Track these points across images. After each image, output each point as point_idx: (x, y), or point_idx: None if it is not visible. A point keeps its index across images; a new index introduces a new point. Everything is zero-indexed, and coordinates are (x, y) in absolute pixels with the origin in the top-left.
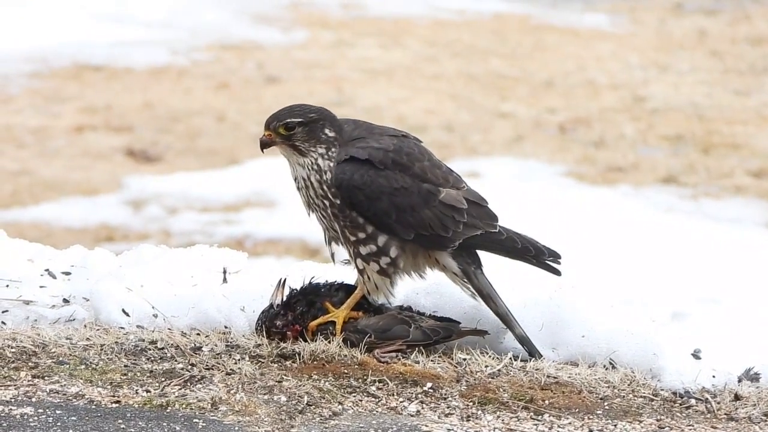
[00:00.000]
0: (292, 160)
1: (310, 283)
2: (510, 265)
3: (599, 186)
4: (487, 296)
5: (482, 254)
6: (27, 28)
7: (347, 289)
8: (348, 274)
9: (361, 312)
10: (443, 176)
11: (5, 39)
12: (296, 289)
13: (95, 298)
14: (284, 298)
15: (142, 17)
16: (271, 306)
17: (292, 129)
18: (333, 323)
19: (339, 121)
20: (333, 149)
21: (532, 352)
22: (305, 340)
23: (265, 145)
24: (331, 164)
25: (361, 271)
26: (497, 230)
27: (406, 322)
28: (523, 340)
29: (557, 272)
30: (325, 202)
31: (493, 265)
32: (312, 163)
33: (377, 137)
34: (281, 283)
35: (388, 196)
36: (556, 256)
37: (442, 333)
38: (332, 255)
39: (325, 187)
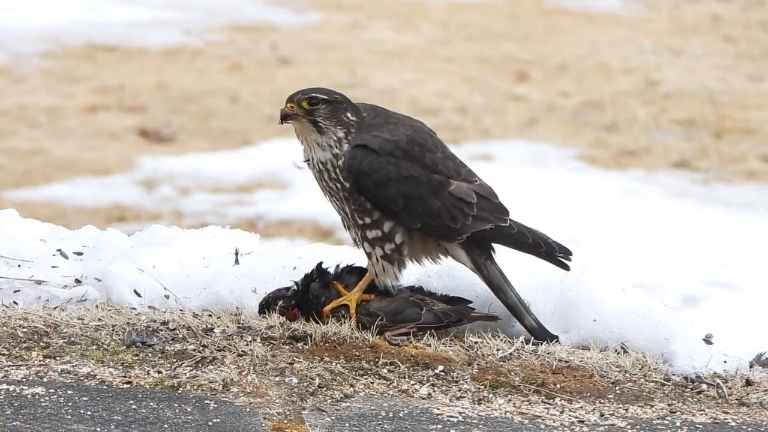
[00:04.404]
0: (310, 139)
1: (319, 266)
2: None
3: (611, 170)
4: (497, 287)
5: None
6: (41, 7)
7: (360, 273)
8: (359, 257)
9: (373, 294)
10: (455, 168)
11: (19, 18)
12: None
13: (107, 279)
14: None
15: None
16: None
17: (316, 104)
18: (346, 307)
19: (358, 107)
20: (352, 133)
21: (545, 340)
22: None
23: (286, 116)
24: (347, 148)
25: (369, 255)
26: (508, 224)
27: (418, 305)
28: (534, 331)
29: (567, 267)
30: (338, 185)
31: (505, 249)
32: (330, 144)
33: (392, 127)
34: None
35: (396, 183)
36: (567, 253)
37: (453, 317)
38: (355, 240)
39: (338, 170)
